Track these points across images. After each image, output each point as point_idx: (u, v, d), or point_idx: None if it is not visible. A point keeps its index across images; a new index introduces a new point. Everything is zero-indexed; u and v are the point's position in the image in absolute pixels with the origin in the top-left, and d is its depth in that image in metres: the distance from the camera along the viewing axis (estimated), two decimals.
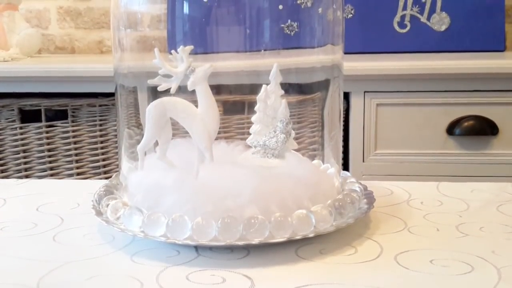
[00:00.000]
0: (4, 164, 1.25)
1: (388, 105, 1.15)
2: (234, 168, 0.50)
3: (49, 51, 1.69)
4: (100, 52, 1.68)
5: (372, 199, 0.54)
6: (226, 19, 0.53)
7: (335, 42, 0.56)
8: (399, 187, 0.63)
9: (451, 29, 1.40)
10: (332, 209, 0.48)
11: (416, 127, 1.15)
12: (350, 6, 1.41)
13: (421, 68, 1.13)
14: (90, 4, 1.66)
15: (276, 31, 0.53)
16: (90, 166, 1.25)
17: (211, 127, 0.50)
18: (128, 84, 0.55)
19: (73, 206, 0.58)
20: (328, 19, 0.55)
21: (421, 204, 0.57)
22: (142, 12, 0.54)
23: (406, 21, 1.41)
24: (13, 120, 1.23)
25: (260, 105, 0.54)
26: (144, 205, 0.48)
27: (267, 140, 0.53)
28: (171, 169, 0.50)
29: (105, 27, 1.67)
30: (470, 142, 1.14)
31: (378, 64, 1.14)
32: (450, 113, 1.14)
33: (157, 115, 0.50)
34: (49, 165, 1.24)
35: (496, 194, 0.60)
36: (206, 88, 0.50)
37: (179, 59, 0.50)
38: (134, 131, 0.56)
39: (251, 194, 0.46)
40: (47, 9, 1.68)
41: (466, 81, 1.13)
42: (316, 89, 0.58)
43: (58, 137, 1.23)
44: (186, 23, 0.53)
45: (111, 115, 1.23)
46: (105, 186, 0.55)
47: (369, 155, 1.17)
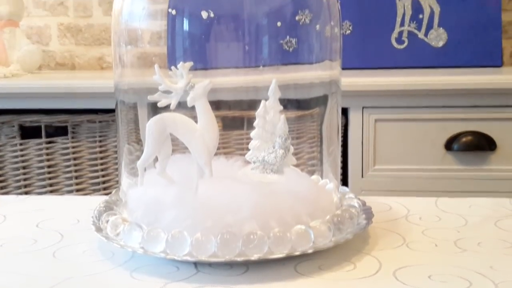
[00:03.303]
0: (4, 180, 1.25)
1: (386, 120, 1.16)
2: (233, 183, 0.50)
3: (50, 67, 1.70)
4: (100, 68, 1.69)
5: (370, 214, 0.54)
6: (225, 35, 0.54)
7: (333, 58, 0.56)
8: (397, 202, 0.63)
9: (448, 45, 1.41)
10: (331, 224, 0.49)
11: (415, 142, 1.16)
12: (348, 22, 1.42)
13: (419, 83, 1.13)
14: (91, 21, 1.68)
15: (274, 47, 0.54)
16: (89, 182, 1.25)
17: (210, 143, 0.50)
18: (129, 100, 0.56)
19: (73, 222, 0.58)
20: (326, 36, 0.55)
21: (420, 220, 0.57)
22: (142, 28, 0.55)
23: (404, 37, 1.43)
24: (13, 136, 1.23)
25: (259, 121, 0.55)
26: (143, 221, 0.48)
27: (266, 156, 0.53)
28: (171, 185, 0.51)
29: (106, 44, 1.68)
30: (468, 158, 1.15)
31: (377, 80, 1.15)
32: (448, 129, 1.15)
33: (157, 131, 0.50)
34: (49, 181, 1.24)
35: (494, 210, 0.60)
36: (205, 104, 0.50)
37: (179, 75, 0.50)
38: (134, 147, 0.56)
39: (250, 210, 0.47)
40: (48, 26, 1.69)
41: (464, 97, 1.14)
42: (314, 105, 0.58)
43: (58, 153, 1.24)
44: (186, 39, 0.53)
45: (111, 131, 1.23)
46: (105, 202, 0.55)
47: (368, 170, 1.17)
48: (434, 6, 1.42)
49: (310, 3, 0.54)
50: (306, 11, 0.53)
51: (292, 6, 0.54)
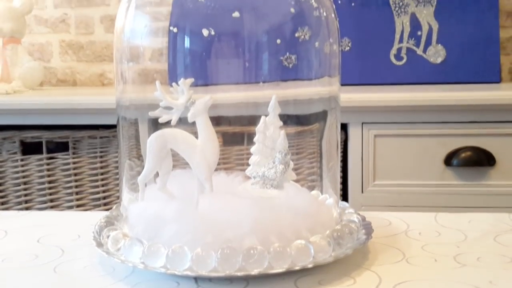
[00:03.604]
0: (4, 196, 1.25)
1: (386, 136, 1.16)
2: (234, 199, 0.50)
3: (51, 84, 1.71)
4: (101, 84, 1.71)
5: (370, 229, 0.54)
6: (225, 52, 0.55)
7: (332, 74, 0.57)
8: (397, 217, 0.63)
9: (447, 61, 1.43)
10: (331, 239, 0.49)
11: (414, 158, 1.16)
12: (347, 39, 1.44)
13: (418, 99, 1.14)
14: (92, 38, 1.69)
15: (274, 64, 0.55)
16: (90, 198, 1.25)
17: (211, 158, 0.50)
18: (130, 116, 0.56)
19: (74, 238, 0.58)
20: (325, 52, 0.56)
21: (419, 235, 0.57)
22: (144, 46, 0.55)
23: (402, 53, 1.44)
24: (14, 152, 1.24)
25: (259, 136, 0.55)
26: (144, 236, 0.49)
27: (266, 171, 0.53)
28: (171, 200, 0.51)
29: (107, 60, 1.69)
30: (468, 173, 1.15)
31: (376, 96, 1.16)
32: (447, 144, 1.15)
33: (158, 147, 0.50)
34: (50, 196, 1.24)
35: (494, 225, 0.60)
36: (206, 120, 0.51)
37: (179, 92, 0.51)
38: (135, 162, 0.56)
39: (251, 225, 0.47)
40: (50, 43, 1.70)
41: (463, 113, 1.14)
42: (314, 120, 0.59)
43: (58, 169, 1.24)
44: (187, 56, 0.54)
45: (112, 147, 1.23)
46: (106, 217, 0.55)
47: (368, 186, 1.17)
48: (432, 23, 1.43)
49: (310, 20, 0.55)
50: (306, 28, 0.54)
51: (292, 23, 0.55)
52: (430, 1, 1.42)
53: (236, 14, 0.51)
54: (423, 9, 1.43)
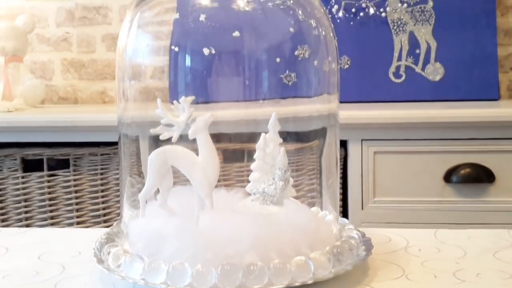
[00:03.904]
0: (5, 213, 1.25)
1: (385, 153, 1.17)
2: (234, 215, 0.50)
3: (53, 102, 1.72)
4: (102, 102, 1.72)
5: (370, 246, 0.54)
6: (226, 71, 0.55)
7: (330, 92, 0.58)
8: (397, 234, 0.63)
9: (445, 79, 1.44)
10: (331, 255, 0.49)
11: (414, 174, 1.16)
12: (346, 57, 1.45)
13: (417, 117, 1.15)
14: (94, 56, 1.71)
15: (274, 82, 0.55)
16: (90, 215, 1.25)
17: (211, 175, 0.51)
18: (131, 133, 0.57)
19: (75, 254, 0.58)
20: (324, 70, 0.57)
21: (419, 251, 0.58)
22: (145, 64, 0.56)
23: (401, 71, 1.45)
24: (15, 169, 1.24)
25: (259, 153, 0.55)
26: (145, 252, 0.49)
27: (266, 188, 0.54)
28: (172, 216, 0.51)
29: (108, 78, 1.71)
30: (467, 190, 1.15)
31: (375, 113, 1.17)
32: (446, 161, 1.16)
33: (159, 163, 0.51)
34: (50, 214, 1.25)
35: (493, 241, 0.60)
36: (206, 137, 0.51)
37: (180, 109, 0.51)
38: (136, 179, 0.57)
39: (251, 241, 0.47)
40: (52, 61, 1.72)
41: (462, 130, 1.15)
42: (313, 137, 0.59)
43: (59, 186, 1.24)
44: (187, 74, 0.55)
45: (112, 164, 1.24)
46: (107, 234, 0.55)
47: (368, 202, 1.17)
48: (430, 41, 1.44)
49: (309, 39, 0.56)
50: (305, 46, 0.55)
51: (291, 42, 0.56)
52: (428, 20, 1.44)
53: (236, 33, 0.52)
54: (421, 27, 1.44)
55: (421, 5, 1.44)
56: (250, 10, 0.54)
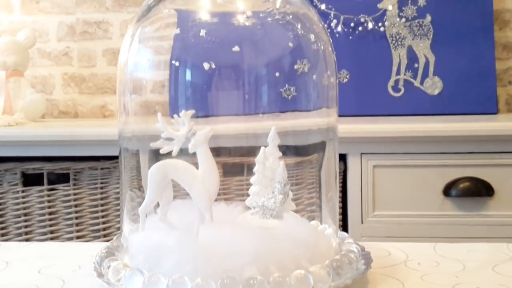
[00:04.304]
0: (5, 228, 1.25)
1: (384, 166, 1.17)
2: (234, 228, 0.51)
3: (53, 116, 1.73)
4: (102, 116, 1.72)
5: (369, 259, 0.54)
6: (226, 85, 0.56)
7: (329, 106, 0.58)
8: (396, 248, 0.63)
9: (444, 93, 1.44)
10: (330, 269, 0.49)
11: (413, 188, 1.17)
12: (345, 71, 1.46)
13: (417, 130, 1.15)
14: (94, 71, 1.72)
15: (274, 96, 0.56)
16: (90, 229, 1.25)
17: (211, 189, 0.51)
18: (132, 147, 0.57)
19: (75, 268, 0.58)
20: (322, 84, 0.57)
21: (418, 265, 0.58)
22: (146, 78, 0.57)
23: (400, 85, 1.46)
24: (15, 183, 1.24)
25: (258, 167, 0.56)
26: (145, 266, 0.49)
27: (266, 201, 0.54)
28: (172, 230, 0.51)
29: (108, 92, 1.71)
30: (466, 203, 1.15)
31: (374, 127, 1.17)
32: (446, 175, 1.16)
33: (159, 177, 0.51)
34: (50, 228, 1.24)
35: (492, 255, 0.60)
36: (206, 151, 0.51)
37: (180, 123, 0.52)
38: (136, 193, 0.57)
39: (250, 255, 0.47)
40: (52, 75, 1.73)
41: (460, 143, 1.15)
42: (312, 151, 0.60)
43: (59, 200, 1.24)
44: (188, 89, 0.55)
45: (112, 178, 1.24)
46: (107, 247, 0.55)
47: (368, 216, 1.17)
48: (429, 55, 1.45)
49: (308, 53, 0.56)
50: (304, 61, 0.55)
51: (291, 56, 0.56)
52: (426, 34, 1.45)
53: (236, 48, 0.52)
54: (420, 42, 1.45)
55: (419, 19, 1.45)
56: (249, 25, 0.55)
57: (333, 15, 1.47)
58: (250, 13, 0.55)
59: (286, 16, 0.56)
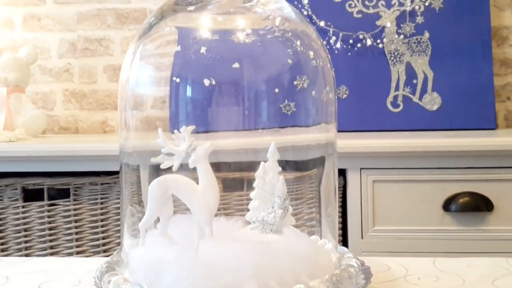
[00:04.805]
0: (5, 243, 1.25)
1: (384, 181, 1.17)
2: (234, 243, 0.51)
3: (54, 131, 1.73)
4: (103, 132, 1.73)
5: (369, 274, 0.54)
6: (226, 101, 0.56)
7: (328, 121, 0.59)
8: (396, 262, 0.63)
9: (442, 109, 1.45)
10: (330, 284, 0.49)
11: (413, 203, 1.17)
12: (344, 87, 1.47)
13: (416, 145, 1.16)
14: (95, 87, 1.73)
15: (273, 111, 0.56)
16: (90, 244, 1.25)
17: (211, 203, 0.51)
18: (133, 162, 0.57)
19: (75, 284, 0.58)
20: (322, 100, 0.58)
21: (418, 280, 0.58)
22: (147, 94, 0.57)
23: (399, 101, 1.47)
24: (16, 199, 1.24)
25: (258, 182, 0.56)
26: (145, 281, 0.49)
27: (266, 216, 0.54)
28: (172, 245, 0.51)
29: (109, 108, 1.72)
30: (466, 218, 1.16)
31: (374, 142, 1.18)
32: (445, 190, 1.16)
33: (160, 192, 0.51)
34: (50, 243, 1.24)
35: (491, 269, 0.60)
36: (206, 166, 0.52)
37: (181, 138, 0.52)
38: (136, 208, 0.57)
39: (250, 269, 0.47)
40: (53, 92, 1.74)
41: (460, 159, 1.16)
42: (312, 166, 0.60)
43: (59, 216, 1.24)
44: (188, 105, 0.55)
45: (113, 193, 1.24)
46: (107, 262, 0.55)
47: (368, 231, 1.17)
48: (427, 71, 1.47)
49: (307, 70, 0.57)
50: (304, 77, 0.56)
51: (290, 73, 0.57)
52: (424, 50, 1.46)
53: (236, 65, 0.53)
54: (418, 58, 1.47)
55: (418, 36, 1.47)
56: (249, 42, 0.56)
57: (332, 32, 1.48)
58: (250, 31, 0.56)
59: (286, 33, 0.57)
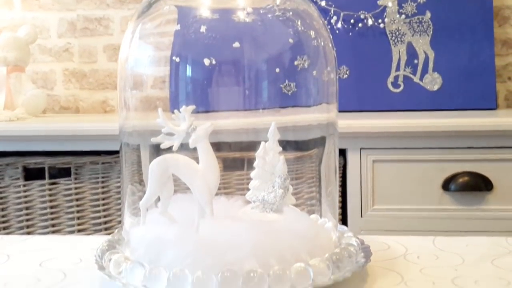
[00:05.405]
0: (7, 221, 1.25)
1: (384, 161, 1.18)
2: (234, 222, 0.51)
3: (54, 111, 1.73)
4: (103, 111, 1.72)
5: (369, 253, 0.55)
6: (226, 81, 0.56)
7: (329, 101, 0.58)
8: (395, 241, 0.64)
9: (443, 89, 1.45)
10: (330, 262, 0.49)
11: (412, 183, 1.17)
12: (345, 67, 1.46)
13: (416, 125, 1.15)
14: (95, 66, 1.72)
15: (274, 91, 0.56)
16: (91, 223, 1.25)
17: (211, 183, 0.51)
18: (133, 142, 0.57)
19: (76, 261, 0.59)
20: (322, 80, 0.57)
21: (418, 258, 0.58)
22: (147, 74, 0.57)
23: (399, 81, 1.46)
24: (17, 178, 1.25)
25: (259, 162, 0.56)
26: (145, 259, 0.49)
27: (266, 195, 0.54)
28: (172, 224, 0.52)
29: (109, 88, 1.72)
30: (465, 198, 1.16)
31: (374, 122, 1.17)
32: (445, 170, 1.16)
33: (160, 172, 0.51)
34: (51, 221, 1.25)
35: (491, 248, 0.61)
36: (207, 146, 0.52)
37: (181, 118, 0.52)
38: (137, 187, 0.57)
39: (250, 248, 0.47)
40: (53, 71, 1.73)
41: (460, 138, 1.16)
42: (312, 146, 0.60)
43: (60, 194, 1.25)
44: (188, 84, 0.55)
45: (114, 173, 1.25)
46: (108, 241, 0.56)
47: (367, 210, 1.18)
48: (428, 51, 1.46)
49: (308, 49, 0.57)
50: (304, 57, 0.56)
51: (291, 52, 0.56)
52: (426, 30, 1.45)
53: (237, 44, 0.53)
54: (419, 38, 1.46)
55: (419, 16, 1.45)
56: (250, 21, 0.55)
57: (333, 11, 1.47)
58: (250, 10, 0.55)
59: (286, 12, 0.57)
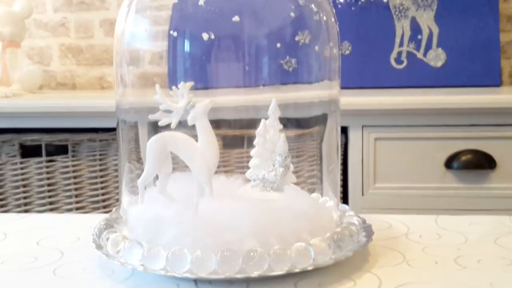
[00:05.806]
0: (4, 199, 1.25)
1: (386, 139, 1.17)
2: (234, 201, 0.50)
3: (50, 87, 1.71)
4: (101, 88, 1.71)
5: (370, 232, 0.54)
6: (225, 56, 0.55)
7: (332, 78, 0.57)
8: (397, 220, 0.63)
9: (447, 65, 1.43)
10: (331, 242, 0.49)
11: (415, 161, 1.16)
12: (347, 42, 1.44)
13: (419, 103, 1.14)
14: (92, 42, 1.69)
15: (274, 68, 0.55)
16: (89, 201, 1.25)
17: (210, 161, 0.50)
18: (130, 119, 0.56)
19: (73, 240, 0.58)
20: (325, 56, 0.56)
21: (420, 237, 0.57)
22: (144, 49, 0.55)
23: (403, 57, 1.44)
24: (13, 155, 1.24)
25: (259, 139, 0.55)
26: (144, 238, 0.49)
27: (266, 174, 0.54)
28: (171, 202, 0.51)
29: (106, 64, 1.70)
30: (468, 176, 1.15)
31: (376, 99, 1.16)
32: (448, 147, 1.16)
33: (158, 149, 0.50)
34: (49, 199, 1.24)
35: (494, 227, 0.60)
36: (206, 123, 0.51)
37: (179, 95, 0.51)
38: (135, 165, 0.56)
39: (250, 227, 0.47)
40: (49, 46, 1.71)
41: (463, 116, 1.15)
42: (314, 124, 0.59)
43: (58, 172, 1.24)
44: (186, 60, 0.54)
45: (111, 150, 1.24)
46: (106, 219, 0.55)
47: (369, 188, 1.17)
48: (432, 27, 1.43)
49: (310, 24, 0.55)
50: (306, 32, 0.54)
51: (292, 27, 0.55)
52: (430, 5, 1.43)
53: (236, 18, 0.51)
54: (423, 13, 1.43)
55: None
56: None
57: None
58: None
59: None
